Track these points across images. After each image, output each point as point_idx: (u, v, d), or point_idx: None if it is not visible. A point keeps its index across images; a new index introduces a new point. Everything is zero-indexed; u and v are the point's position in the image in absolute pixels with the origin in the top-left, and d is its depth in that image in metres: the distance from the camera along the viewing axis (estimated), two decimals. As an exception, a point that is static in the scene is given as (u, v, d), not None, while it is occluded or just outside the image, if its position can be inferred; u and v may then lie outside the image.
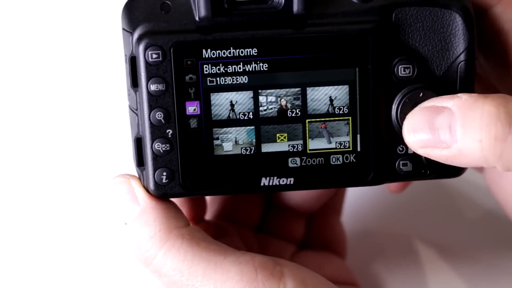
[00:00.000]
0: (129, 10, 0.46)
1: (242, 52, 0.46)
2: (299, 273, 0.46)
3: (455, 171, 0.48)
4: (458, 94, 0.44)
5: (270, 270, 0.46)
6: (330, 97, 0.47)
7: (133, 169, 0.49)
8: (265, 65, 0.46)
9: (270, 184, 0.47)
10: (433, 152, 0.44)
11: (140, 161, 0.47)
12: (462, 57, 0.47)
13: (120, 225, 0.48)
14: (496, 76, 0.51)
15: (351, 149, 0.47)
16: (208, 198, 0.57)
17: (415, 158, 0.48)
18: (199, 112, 0.46)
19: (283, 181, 0.48)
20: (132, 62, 0.46)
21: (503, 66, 0.49)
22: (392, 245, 0.63)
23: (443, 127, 0.43)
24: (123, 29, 0.46)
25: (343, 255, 0.60)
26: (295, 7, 0.46)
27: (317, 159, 0.47)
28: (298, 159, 0.47)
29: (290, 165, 0.47)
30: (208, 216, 0.58)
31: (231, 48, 0.46)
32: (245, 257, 0.46)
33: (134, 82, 0.46)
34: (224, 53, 0.46)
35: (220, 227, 0.55)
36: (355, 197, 0.63)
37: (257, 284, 0.45)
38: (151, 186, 0.47)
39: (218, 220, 0.57)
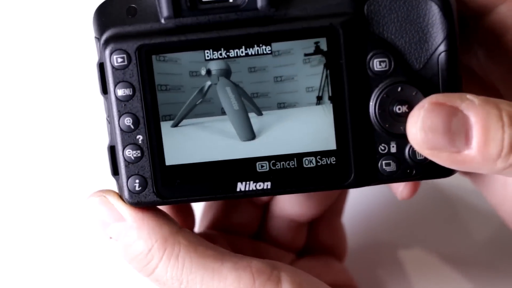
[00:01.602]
0: (97, 17, 0.46)
1: (208, 52, 0.45)
2: (297, 277, 0.46)
3: (444, 172, 0.45)
4: (467, 96, 0.42)
5: (267, 275, 0.45)
6: None
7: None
8: (234, 65, 0.45)
9: (247, 189, 0.46)
10: (440, 154, 0.42)
11: (115, 170, 0.47)
12: (442, 48, 0.44)
13: (107, 241, 0.47)
14: (499, 75, 0.49)
15: (330, 150, 0.45)
16: (201, 208, 0.56)
17: (399, 157, 0.45)
18: None
19: (259, 185, 0.46)
20: (101, 68, 0.45)
21: (508, 65, 0.47)
22: (394, 253, 0.61)
23: (458, 132, 0.41)
24: (94, 37, 0.46)
25: (342, 257, 0.59)
26: (259, 3, 0.44)
27: (290, 162, 0.45)
28: (272, 163, 0.46)
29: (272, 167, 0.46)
30: (202, 226, 0.57)
31: (197, 48, 0.45)
32: (242, 263, 0.46)
33: (104, 88, 0.46)
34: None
35: (208, 237, 0.54)
36: (356, 206, 0.61)
37: None
38: (126, 194, 0.46)
39: (212, 230, 0.56)
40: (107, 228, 0.47)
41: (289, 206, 0.56)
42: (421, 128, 0.42)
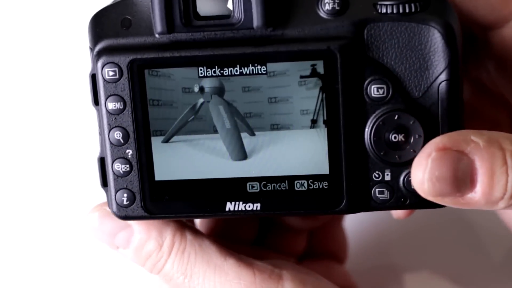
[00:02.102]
0: (92, 27, 0.45)
1: (202, 69, 0.44)
2: (298, 275, 0.47)
3: (439, 203, 0.44)
4: (472, 136, 0.41)
5: (268, 273, 0.46)
6: None
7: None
8: (227, 84, 0.44)
9: (236, 209, 0.45)
10: (443, 199, 0.41)
11: (104, 182, 0.46)
12: (443, 77, 0.43)
13: (115, 251, 0.48)
14: (510, 89, 0.48)
15: (322, 174, 0.44)
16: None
17: (393, 185, 0.44)
18: None
19: (249, 206, 0.45)
20: (93, 79, 0.44)
21: None
22: (397, 260, 0.61)
23: (465, 178, 0.41)
24: (89, 47, 0.45)
25: (343, 260, 0.58)
26: (255, 22, 0.43)
27: (281, 184, 0.44)
28: (263, 184, 0.45)
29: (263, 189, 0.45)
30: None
31: (191, 65, 0.43)
32: (245, 261, 0.47)
33: (96, 100, 0.45)
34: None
35: None
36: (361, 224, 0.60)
37: (255, 286, 0.46)
38: (114, 207, 0.46)
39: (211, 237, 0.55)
40: (114, 239, 0.48)
41: (290, 218, 0.56)
42: (429, 178, 0.41)
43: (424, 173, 0.40)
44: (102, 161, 0.46)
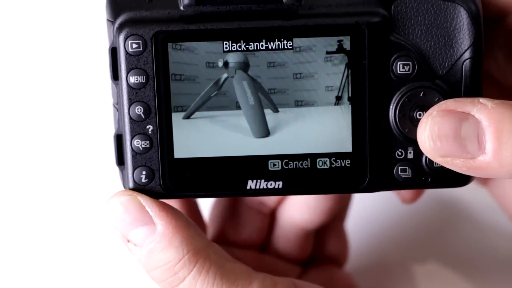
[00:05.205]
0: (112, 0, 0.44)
1: (227, 44, 0.43)
2: None
3: (460, 181, 0.44)
4: (480, 99, 0.41)
5: None
6: None
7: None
8: (252, 59, 0.43)
9: (258, 187, 0.44)
10: (453, 161, 0.41)
11: (120, 160, 0.45)
12: (467, 55, 0.43)
13: (125, 244, 0.45)
14: None
15: (345, 152, 0.44)
16: (207, 219, 0.54)
17: (415, 164, 0.44)
18: None
19: (271, 184, 0.44)
20: (113, 53, 0.43)
21: None
22: (399, 261, 0.61)
23: (470, 137, 0.40)
24: (107, 19, 0.44)
25: (344, 263, 0.57)
26: None
27: (304, 162, 0.44)
28: (285, 162, 0.44)
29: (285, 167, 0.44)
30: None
31: (216, 39, 0.43)
32: (268, 281, 0.45)
33: (115, 74, 0.44)
34: None
35: None
36: (360, 210, 0.60)
37: None
38: (131, 185, 0.44)
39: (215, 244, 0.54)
40: (131, 231, 0.44)
41: (299, 212, 0.53)
42: (429, 136, 0.41)
43: (424, 131, 0.40)
44: (118, 138, 0.44)
